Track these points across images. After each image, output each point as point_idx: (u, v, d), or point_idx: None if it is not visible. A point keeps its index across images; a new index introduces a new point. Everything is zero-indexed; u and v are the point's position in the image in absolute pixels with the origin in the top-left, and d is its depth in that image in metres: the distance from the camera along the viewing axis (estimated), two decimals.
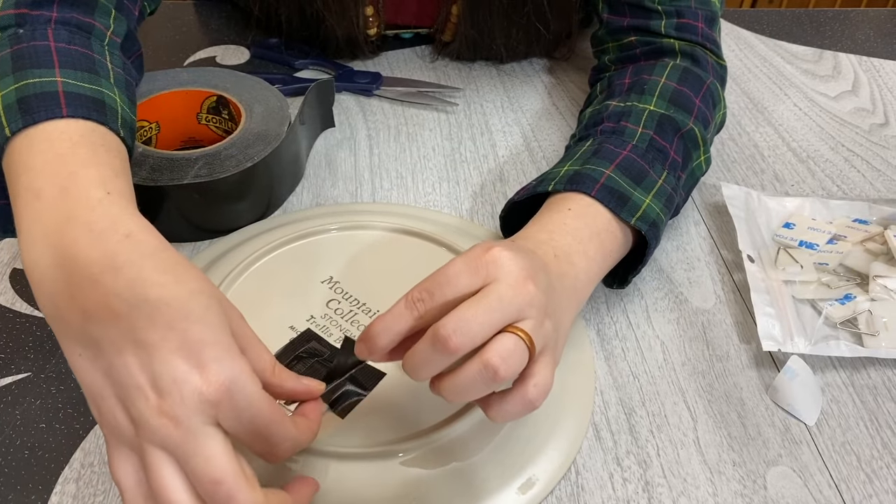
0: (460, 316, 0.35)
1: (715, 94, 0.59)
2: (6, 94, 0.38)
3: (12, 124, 0.37)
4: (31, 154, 0.37)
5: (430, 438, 0.41)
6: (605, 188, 0.48)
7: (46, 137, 0.37)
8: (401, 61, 0.79)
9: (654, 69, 0.59)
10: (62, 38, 0.42)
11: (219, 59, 0.79)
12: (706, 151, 0.57)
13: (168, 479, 0.31)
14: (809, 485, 0.43)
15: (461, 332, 0.35)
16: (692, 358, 0.50)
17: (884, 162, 0.68)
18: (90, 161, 0.37)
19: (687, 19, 0.62)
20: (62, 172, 0.36)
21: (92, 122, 0.38)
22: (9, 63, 0.40)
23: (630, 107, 0.56)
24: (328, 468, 0.40)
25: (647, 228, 0.48)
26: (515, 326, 0.36)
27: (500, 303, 0.36)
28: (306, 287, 0.51)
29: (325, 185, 0.63)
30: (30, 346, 0.48)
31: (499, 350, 0.35)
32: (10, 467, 0.42)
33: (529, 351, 0.36)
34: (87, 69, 0.41)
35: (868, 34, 0.90)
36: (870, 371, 0.49)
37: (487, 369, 0.35)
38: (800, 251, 0.55)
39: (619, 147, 0.52)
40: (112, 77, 0.42)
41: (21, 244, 0.35)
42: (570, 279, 0.43)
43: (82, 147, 0.37)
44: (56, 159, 0.36)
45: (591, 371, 0.48)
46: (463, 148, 0.68)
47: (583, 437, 0.45)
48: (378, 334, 0.37)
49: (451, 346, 0.35)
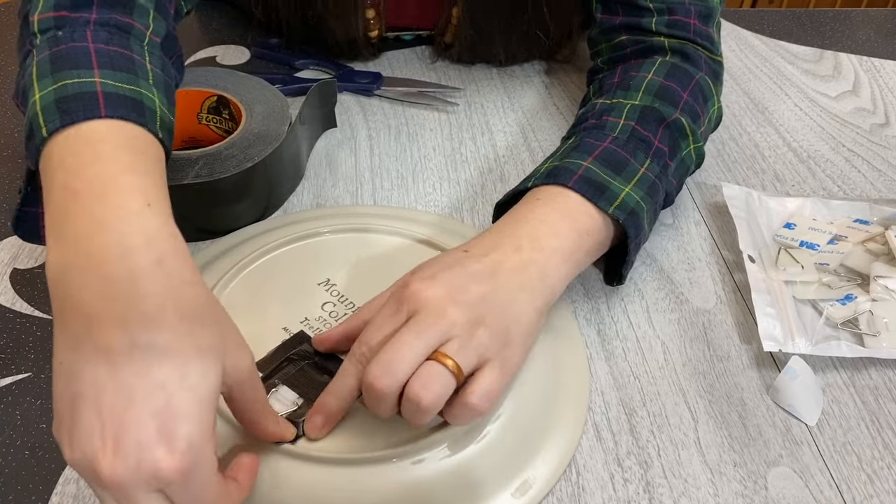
0: (380, 359, 0.38)
1: (706, 89, 0.59)
2: (44, 94, 0.38)
3: (50, 124, 0.36)
4: (69, 153, 0.36)
5: (424, 443, 0.41)
6: (583, 179, 0.49)
7: (86, 138, 0.36)
8: (401, 61, 0.79)
9: (642, 67, 0.59)
10: (101, 39, 0.41)
11: (219, 59, 0.79)
12: (696, 142, 0.56)
13: None
14: (810, 485, 0.43)
15: (385, 374, 0.38)
16: (693, 358, 0.50)
17: (884, 162, 0.68)
18: (132, 168, 0.36)
19: (678, 16, 0.62)
20: (102, 175, 0.34)
21: (130, 124, 0.37)
22: (48, 65, 0.39)
23: (614, 103, 0.56)
24: (322, 474, 0.40)
25: (626, 217, 0.48)
26: (439, 352, 0.38)
27: (418, 336, 0.39)
28: (302, 289, 0.51)
29: (326, 185, 0.63)
30: (30, 347, 0.48)
31: (419, 380, 0.38)
32: (11, 468, 0.42)
33: (454, 372, 0.38)
34: (126, 70, 0.40)
35: (868, 34, 0.90)
36: (871, 371, 0.49)
37: (411, 401, 0.38)
38: (801, 251, 0.55)
39: (600, 140, 0.52)
40: (151, 78, 0.41)
41: (49, 240, 0.34)
42: (535, 266, 0.44)
43: (124, 152, 0.36)
44: (95, 161, 0.35)
45: (585, 371, 0.48)
46: (463, 148, 0.68)
47: (579, 438, 0.45)
48: (332, 404, 0.41)
49: (378, 390, 0.38)
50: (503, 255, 0.44)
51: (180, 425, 0.31)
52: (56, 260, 0.33)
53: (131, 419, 0.31)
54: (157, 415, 0.31)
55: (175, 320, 0.32)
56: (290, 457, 0.40)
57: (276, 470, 0.40)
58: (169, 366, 0.32)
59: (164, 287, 0.32)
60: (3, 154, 0.65)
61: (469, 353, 0.39)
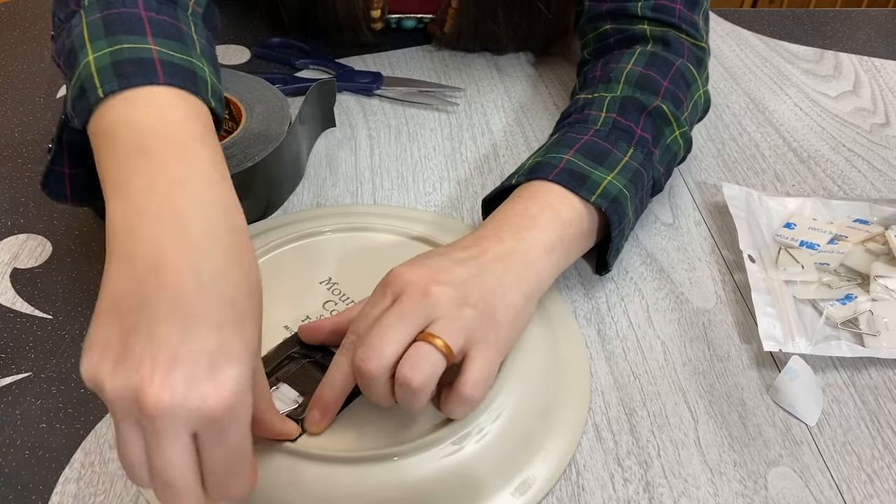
0: (366, 342, 0.38)
1: (687, 75, 0.59)
2: (99, 56, 0.38)
3: (106, 85, 0.36)
4: (134, 113, 0.36)
5: (425, 442, 0.41)
6: (564, 171, 0.49)
7: (150, 101, 0.36)
8: (402, 61, 0.79)
9: (622, 58, 0.60)
10: (151, 8, 0.41)
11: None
12: (681, 127, 0.57)
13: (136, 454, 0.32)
14: (810, 485, 0.43)
15: (372, 356, 0.38)
16: (693, 358, 0.50)
17: (885, 162, 0.68)
18: (202, 138, 0.36)
19: (664, 1, 0.62)
20: (175, 139, 0.35)
21: (187, 93, 0.38)
22: (101, 27, 0.39)
23: (595, 97, 0.57)
24: (323, 472, 0.40)
25: (608, 205, 0.49)
26: (426, 332, 0.38)
27: (402, 317, 0.39)
28: (304, 288, 0.51)
29: (326, 185, 0.63)
30: (30, 346, 0.48)
31: (408, 362, 0.38)
32: (11, 467, 0.42)
33: (443, 351, 0.38)
34: (177, 39, 0.40)
35: (869, 34, 0.90)
36: (871, 371, 0.49)
37: (402, 384, 0.38)
38: (801, 251, 0.55)
39: (581, 133, 0.53)
40: (198, 48, 0.41)
41: (110, 191, 0.34)
42: (518, 254, 0.45)
43: (193, 122, 0.37)
44: (165, 124, 0.36)
45: (586, 370, 0.48)
46: (464, 148, 0.68)
47: (579, 438, 0.45)
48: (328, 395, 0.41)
49: (367, 373, 0.38)
50: (486, 245, 0.45)
51: (232, 366, 0.31)
52: (123, 210, 0.34)
53: (186, 352, 0.31)
54: (212, 353, 0.31)
55: (242, 279, 0.33)
56: (291, 455, 0.40)
57: (278, 468, 0.40)
58: (230, 312, 0.32)
59: (236, 253, 0.34)
60: (2, 154, 0.65)
61: (456, 332, 0.39)
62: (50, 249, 0.55)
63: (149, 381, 0.30)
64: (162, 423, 0.30)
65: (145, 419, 0.30)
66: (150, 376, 0.30)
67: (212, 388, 0.31)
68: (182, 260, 0.32)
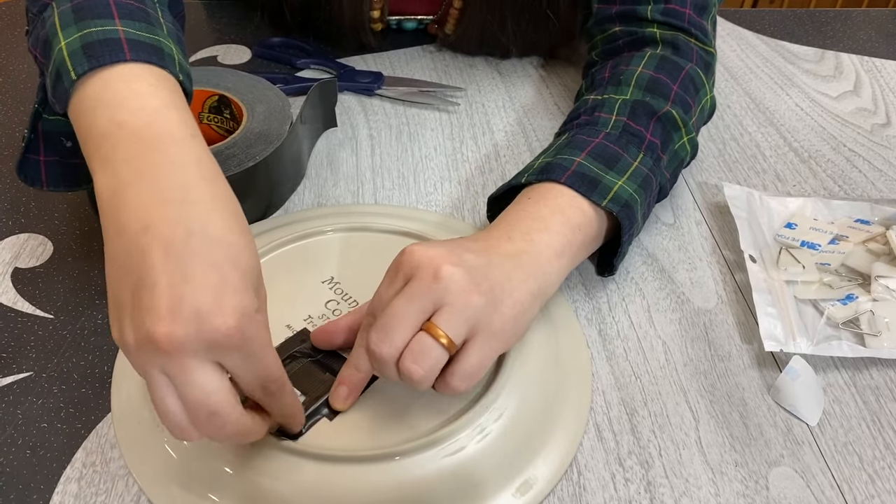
0: (377, 326, 0.40)
1: (696, 80, 0.59)
2: (70, 41, 0.40)
3: (78, 67, 0.38)
4: (106, 91, 0.38)
5: (426, 442, 0.41)
6: (576, 174, 0.49)
7: (120, 78, 0.38)
8: (402, 61, 0.79)
9: (632, 60, 0.60)
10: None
11: (220, 59, 0.79)
12: (689, 133, 0.57)
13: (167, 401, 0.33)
14: (812, 485, 0.43)
15: (382, 341, 0.39)
16: (694, 358, 0.50)
17: (885, 162, 0.68)
18: (171, 103, 0.38)
19: (674, 5, 0.62)
20: (145, 108, 0.37)
21: (155, 66, 0.40)
22: (70, 15, 0.41)
23: (605, 99, 0.57)
24: (324, 471, 0.40)
25: (620, 209, 0.49)
26: (432, 324, 0.39)
27: (411, 301, 0.40)
28: (306, 287, 0.51)
29: (327, 184, 0.63)
30: (31, 346, 0.48)
31: (411, 355, 0.39)
32: (12, 467, 0.42)
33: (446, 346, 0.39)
34: (144, 20, 0.42)
35: (870, 34, 0.90)
36: (872, 371, 0.49)
37: (405, 377, 0.39)
38: (802, 251, 0.55)
39: (592, 136, 0.53)
40: (165, 30, 0.43)
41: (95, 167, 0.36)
42: (528, 255, 0.45)
43: (159, 89, 0.38)
44: (135, 96, 0.37)
45: (587, 371, 0.48)
46: (465, 148, 0.68)
47: (581, 437, 0.45)
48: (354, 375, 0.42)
49: (379, 357, 0.39)
50: (496, 243, 0.45)
51: (235, 295, 0.33)
52: (106, 183, 0.35)
53: (190, 291, 0.32)
54: (214, 288, 0.33)
55: (226, 219, 0.35)
56: (291, 453, 0.40)
57: (279, 467, 0.40)
58: (222, 252, 0.34)
59: (212, 196, 0.35)
60: (3, 154, 0.65)
61: (460, 323, 0.40)
62: (51, 249, 0.55)
63: (159, 323, 0.32)
64: (181, 356, 0.32)
65: (166, 359, 0.32)
66: (160, 318, 0.32)
67: (219, 316, 0.32)
68: (166, 213, 0.34)
